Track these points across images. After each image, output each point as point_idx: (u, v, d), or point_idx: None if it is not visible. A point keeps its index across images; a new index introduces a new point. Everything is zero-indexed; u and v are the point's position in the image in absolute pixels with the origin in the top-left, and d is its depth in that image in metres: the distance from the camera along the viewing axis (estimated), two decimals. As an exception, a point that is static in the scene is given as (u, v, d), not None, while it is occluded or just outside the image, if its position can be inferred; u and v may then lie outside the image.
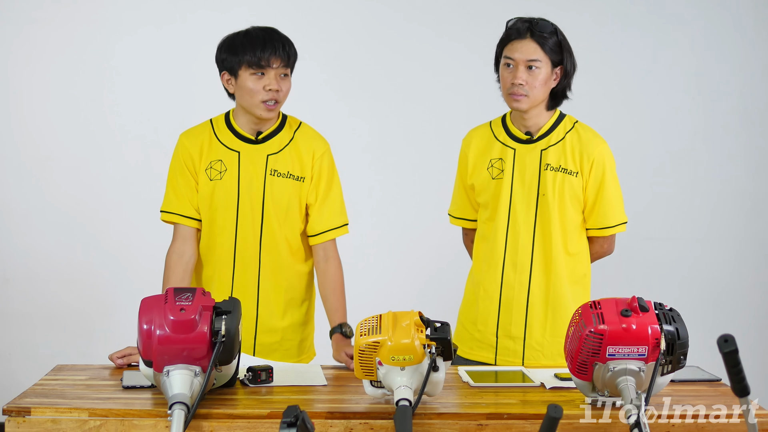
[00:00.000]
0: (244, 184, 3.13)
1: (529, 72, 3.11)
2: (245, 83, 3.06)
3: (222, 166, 3.13)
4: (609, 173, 3.18)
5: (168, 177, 3.19)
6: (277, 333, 3.18)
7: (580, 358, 2.45)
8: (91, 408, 2.46)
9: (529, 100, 3.12)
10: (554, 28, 3.14)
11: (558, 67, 3.14)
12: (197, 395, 2.38)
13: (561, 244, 3.16)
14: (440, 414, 2.48)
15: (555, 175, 3.15)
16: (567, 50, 3.15)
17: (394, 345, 2.43)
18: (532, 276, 3.17)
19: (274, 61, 3.05)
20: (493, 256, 3.20)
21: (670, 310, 2.48)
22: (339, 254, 3.22)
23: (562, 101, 3.21)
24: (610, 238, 3.24)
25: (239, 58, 3.05)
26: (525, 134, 3.19)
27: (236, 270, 3.15)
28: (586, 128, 3.22)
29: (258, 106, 3.07)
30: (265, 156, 3.14)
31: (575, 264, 3.20)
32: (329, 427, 2.45)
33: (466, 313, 3.29)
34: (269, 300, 3.17)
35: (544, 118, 3.19)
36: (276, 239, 3.14)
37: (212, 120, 3.20)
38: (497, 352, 3.21)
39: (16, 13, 4.94)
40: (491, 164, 3.21)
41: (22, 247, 5.00)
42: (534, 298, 3.17)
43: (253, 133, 3.15)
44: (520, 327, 3.18)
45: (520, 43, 3.13)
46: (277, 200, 3.13)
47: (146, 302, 2.47)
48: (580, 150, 3.16)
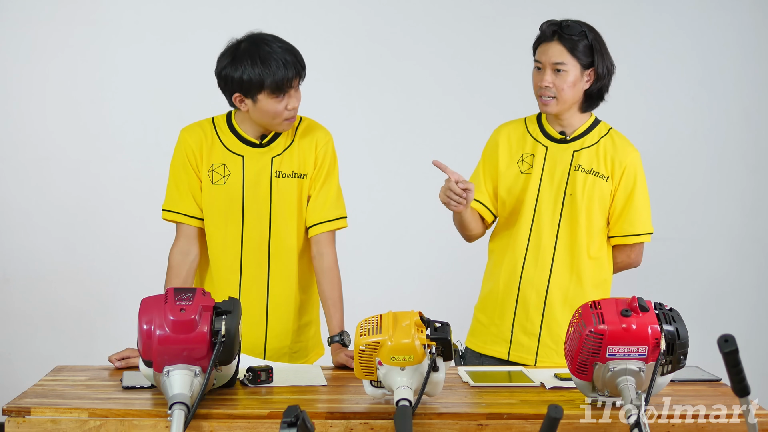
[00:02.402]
0: (249, 188, 3.09)
1: (556, 75, 3.11)
2: (267, 107, 2.97)
3: (225, 170, 3.09)
4: (640, 182, 3.19)
5: (170, 174, 3.14)
6: (288, 337, 3.16)
7: (580, 358, 2.45)
8: (91, 408, 2.46)
9: (558, 103, 3.13)
10: (584, 30, 3.13)
11: (590, 70, 3.14)
12: (197, 395, 2.38)
13: (584, 246, 3.16)
14: (440, 414, 2.48)
15: (586, 177, 3.16)
16: (599, 52, 3.14)
17: (394, 345, 2.43)
18: (552, 274, 3.17)
19: (295, 81, 2.99)
20: (515, 251, 3.20)
21: (670, 310, 2.49)
22: (336, 250, 3.16)
23: (597, 103, 3.21)
24: (636, 247, 3.24)
25: (261, 83, 2.94)
26: (559, 133, 3.20)
27: (243, 275, 3.11)
28: (620, 135, 3.23)
29: (280, 125, 3.03)
30: (269, 159, 3.10)
31: (596, 267, 3.20)
32: (329, 427, 2.45)
33: (482, 308, 3.30)
34: (279, 304, 3.13)
35: (578, 120, 3.20)
36: (285, 242, 3.11)
37: (214, 119, 3.14)
38: (511, 347, 3.21)
39: (15, 13, 4.94)
40: (522, 158, 3.22)
41: (22, 247, 4.99)
42: (552, 296, 3.17)
43: (257, 137, 3.10)
44: (536, 324, 3.19)
45: (547, 45, 3.14)
46: (284, 201, 3.09)
47: (146, 302, 2.47)
48: (613, 155, 3.17)
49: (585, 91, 3.16)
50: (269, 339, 3.13)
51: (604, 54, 3.16)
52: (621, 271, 3.29)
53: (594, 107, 3.22)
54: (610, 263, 3.25)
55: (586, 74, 3.14)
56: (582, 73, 3.13)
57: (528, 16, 3.27)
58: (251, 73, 2.94)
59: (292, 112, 3.02)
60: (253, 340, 3.11)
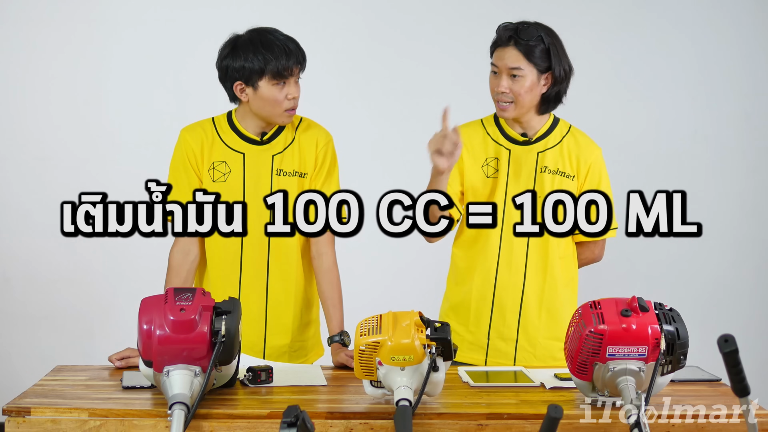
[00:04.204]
0: (250, 185, 3.10)
1: (512, 80, 3.08)
2: (268, 94, 3.01)
3: (226, 168, 3.11)
4: (604, 178, 3.19)
5: (169, 173, 3.16)
6: (287, 335, 3.16)
7: (580, 358, 2.45)
8: (91, 408, 2.46)
9: (515, 108, 3.11)
10: (540, 34, 3.08)
11: (547, 73, 3.10)
12: (197, 395, 2.38)
13: (555, 246, 3.15)
14: (440, 414, 2.48)
15: (552, 177, 3.14)
16: (557, 56, 3.09)
17: (394, 345, 2.43)
18: (527, 277, 3.16)
19: (295, 69, 3.03)
20: (487, 256, 3.17)
21: (670, 310, 2.49)
22: (335, 250, 3.17)
23: (554, 106, 3.18)
24: (600, 243, 3.24)
25: (261, 68, 2.99)
26: (521, 135, 3.18)
27: (243, 274, 3.12)
28: (581, 133, 3.22)
29: (281, 114, 3.05)
30: (270, 156, 3.12)
31: (565, 266, 3.19)
32: (329, 427, 2.45)
33: (454, 316, 3.24)
34: (279, 302, 3.14)
35: (537, 122, 3.18)
36: (285, 240, 3.11)
37: (214, 119, 3.16)
38: (488, 354, 3.19)
39: (15, 13, 4.94)
40: (486, 163, 3.19)
41: (22, 247, 4.99)
42: (527, 299, 3.16)
43: (258, 134, 3.12)
44: (513, 329, 3.17)
45: (503, 50, 3.10)
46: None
47: (146, 302, 2.47)
48: (578, 154, 3.16)
49: (542, 95, 3.13)
50: (268, 337, 3.14)
51: (561, 57, 3.11)
52: (584, 266, 3.28)
53: (551, 110, 3.19)
54: (576, 260, 3.24)
55: (543, 78, 3.10)
56: (539, 78, 3.09)
57: (530, 18, 3.26)
58: (253, 59, 2.99)
59: (293, 102, 3.05)
60: (252, 338, 3.11)
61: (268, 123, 3.10)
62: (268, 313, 3.13)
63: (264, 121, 3.09)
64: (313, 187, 3.13)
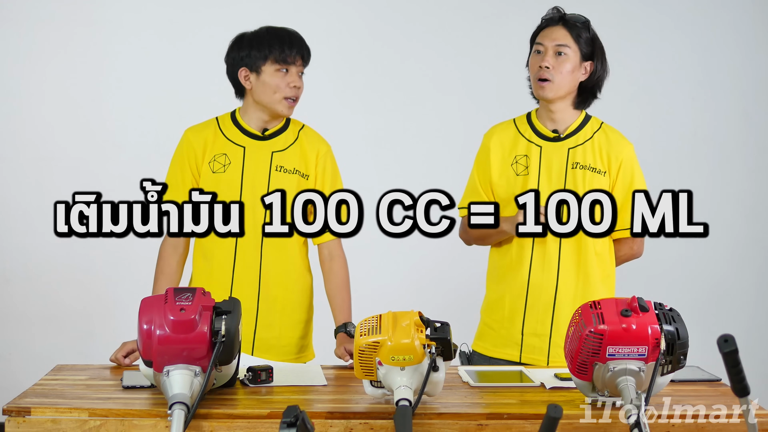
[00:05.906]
0: (247, 178, 3.15)
1: (557, 58, 3.13)
2: (269, 79, 3.10)
3: (226, 160, 3.15)
4: (638, 174, 3.20)
5: (168, 170, 3.21)
6: (275, 328, 3.18)
7: (580, 358, 2.45)
8: (91, 408, 2.46)
9: (554, 87, 3.13)
10: (587, 22, 3.17)
11: (588, 62, 3.16)
12: (197, 395, 2.38)
13: (590, 243, 3.15)
14: (440, 414, 2.48)
15: (584, 173, 3.15)
16: (599, 49, 3.18)
17: (394, 345, 2.43)
18: (560, 276, 3.16)
19: (298, 59, 3.11)
20: (521, 256, 3.18)
21: (670, 310, 2.48)
22: (344, 253, 3.23)
23: (590, 101, 3.21)
24: (638, 239, 3.23)
25: (265, 53, 3.09)
26: (552, 132, 3.19)
27: (237, 263, 3.15)
28: (613, 129, 3.23)
29: (280, 102, 3.12)
30: (269, 152, 3.17)
31: (602, 263, 3.19)
32: (329, 427, 2.45)
33: (489, 312, 3.27)
34: (270, 295, 3.17)
35: (570, 116, 3.20)
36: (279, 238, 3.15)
37: (218, 118, 3.23)
38: (522, 350, 3.20)
39: (15, 13, 4.94)
40: (516, 161, 3.20)
41: (22, 247, 4.99)
42: (561, 296, 3.16)
43: (259, 130, 3.18)
44: (546, 326, 3.17)
45: (550, 29, 3.17)
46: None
47: (146, 302, 2.47)
48: (608, 150, 3.18)
49: (580, 84, 3.16)
50: (258, 329, 3.16)
51: (603, 52, 3.20)
52: (624, 263, 3.28)
53: (585, 104, 3.21)
54: (613, 256, 3.24)
55: (584, 66, 3.16)
56: (581, 63, 3.15)
57: (530, 17, 3.27)
58: (258, 46, 3.11)
59: (294, 90, 3.12)
60: (243, 330, 3.11)
61: (270, 114, 3.15)
62: (259, 305, 3.16)
63: (265, 111, 3.14)
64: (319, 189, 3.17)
